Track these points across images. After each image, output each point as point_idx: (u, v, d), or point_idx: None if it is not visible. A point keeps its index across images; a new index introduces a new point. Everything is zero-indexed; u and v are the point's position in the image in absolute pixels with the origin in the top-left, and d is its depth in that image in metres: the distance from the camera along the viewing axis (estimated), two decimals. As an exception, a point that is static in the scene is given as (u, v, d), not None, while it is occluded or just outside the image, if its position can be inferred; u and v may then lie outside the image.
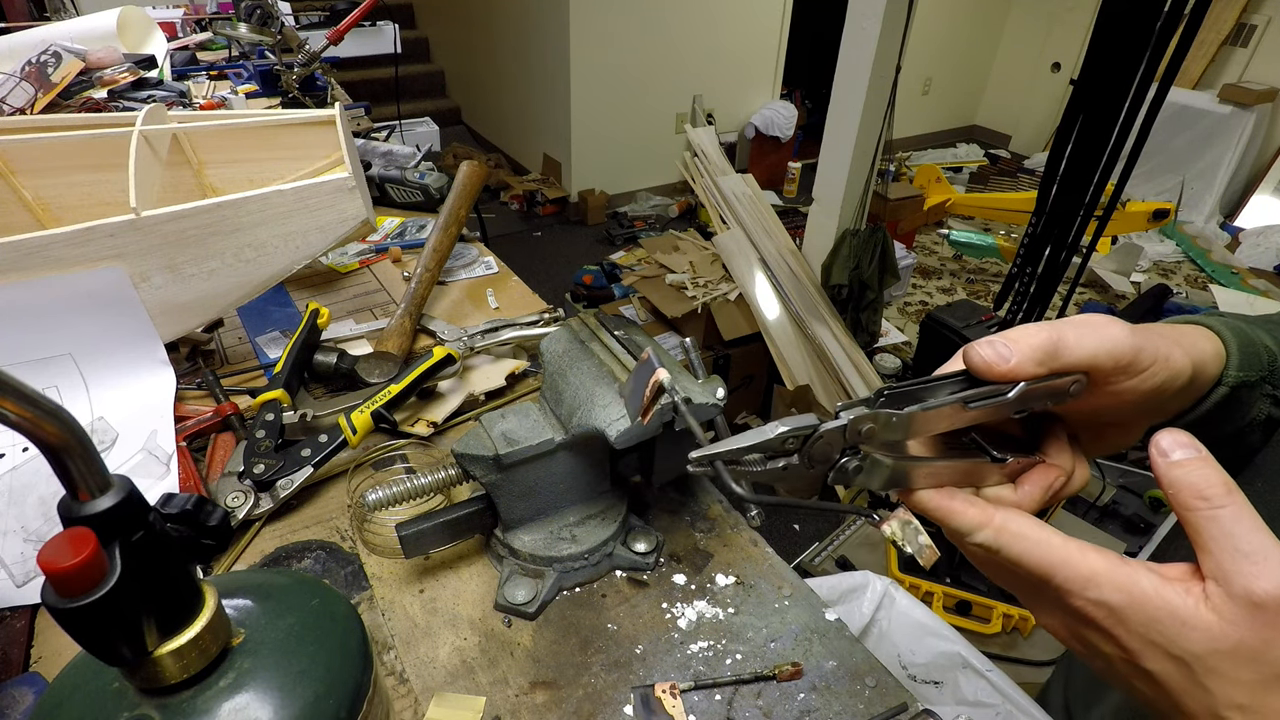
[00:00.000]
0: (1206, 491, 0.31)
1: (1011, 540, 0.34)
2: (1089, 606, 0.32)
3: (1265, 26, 4.31)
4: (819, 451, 0.34)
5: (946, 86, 5.76)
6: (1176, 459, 0.32)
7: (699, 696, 0.56)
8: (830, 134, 2.57)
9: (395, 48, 3.16)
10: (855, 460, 0.35)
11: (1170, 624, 0.30)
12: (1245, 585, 0.29)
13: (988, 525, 0.34)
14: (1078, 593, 0.32)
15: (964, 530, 0.35)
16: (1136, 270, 3.99)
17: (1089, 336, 0.35)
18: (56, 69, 1.60)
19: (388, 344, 0.92)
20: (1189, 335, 0.42)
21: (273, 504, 0.70)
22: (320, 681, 0.40)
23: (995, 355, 0.35)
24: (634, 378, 0.38)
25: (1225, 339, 0.43)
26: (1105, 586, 0.32)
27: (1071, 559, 0.32)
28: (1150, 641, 0.31)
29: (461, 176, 1.16)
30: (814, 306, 2.71)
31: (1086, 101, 2.15)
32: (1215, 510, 0.31)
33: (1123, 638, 0.32)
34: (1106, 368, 0.35)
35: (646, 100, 4.38)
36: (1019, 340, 0.35)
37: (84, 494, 0.33)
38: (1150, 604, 0.31)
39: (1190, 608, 0.30)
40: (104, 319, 0.75)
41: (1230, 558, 0.30)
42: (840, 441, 0.34)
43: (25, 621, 0.60)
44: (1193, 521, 0.31)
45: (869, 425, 0.34)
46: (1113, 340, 0.35)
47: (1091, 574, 0.32)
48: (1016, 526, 0.34)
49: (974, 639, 1.26)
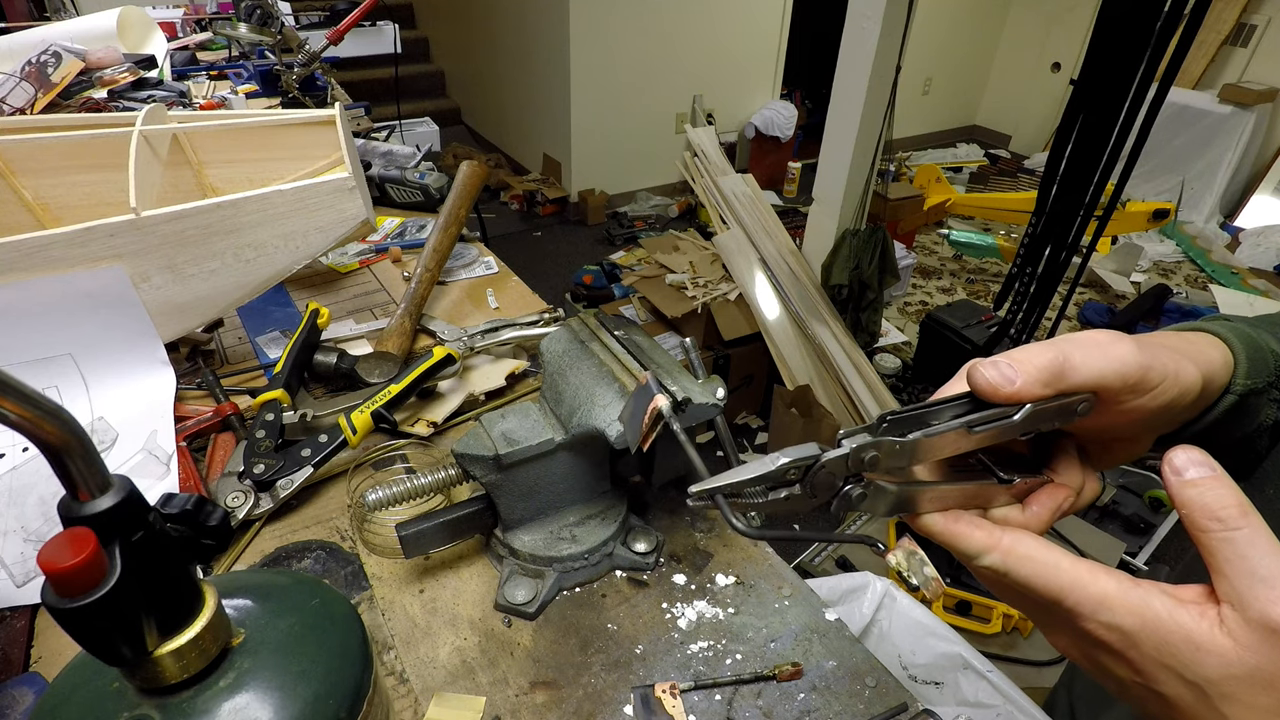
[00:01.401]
0: (1221, 513, 0.30)
1: (1019, 563, 0.33)
2: (1101, 630, 0.32)
3: (1265, 26, 4.31)
4: (822, 481, 0.34)
5: (946, 86, 5.76)
6: (1190, 478, 0.31)
7: (699, 696, 0.56)
8: (830, 134, 2.57)
9: (395, 48, 3.16)
10: (859, 488, 0.35)
11: (1184, 648, 0.30)
12: (1262, 610, 0.29)
13: (995, 548, 0.34)
14: (1089, 616, 0.32)
15: (971, 554, 0.35)
16: (1136, 270, 3.99)
17: (1096, 357, 0.34)
18: (56, 69, 1.60)
19: (388, 344, 0.92)
20: (1196, 344, 0.41)
21: (273, 504, 0.70)
22: (320, 681, 0.40)
23: (1000, 377, 0.34)
24: (633, 400, 0.38)
25: (1233, 346, 0.42)
26: (1118, 610, 0.31)
27: (1082, 581, 0.32)
28: (1164, 665, 0.30)
29: (461, 176, 1.16)
30: (814, 306, 2.71)
31: (1086, 101, 2.15)
32: (1230, 533, 0.30)
33: (1136, 661, 0.31)
34: (1115, 388, 0.34)
35: (646, 100, 4.38)
36: (1024, 361, 0.34)
37: (84, 494, 0.33)
38: (1163, 628, 0.30)
39: (1205, 632, 0.30)
40: (104, 319, 0.75)
41: (1246, 582, 0.29)
42: (844, 470, 0.34)
43: (25, 621, 0.60)
44: (1207, 544, 0.31)
45: (873, 453, 0.33)
46: (1120, 360, 0.34)
47: (1103, 597, 0.31)
48: (1025, 549, 0.34)
49: (974, 639, 1.26)
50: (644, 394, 0.37)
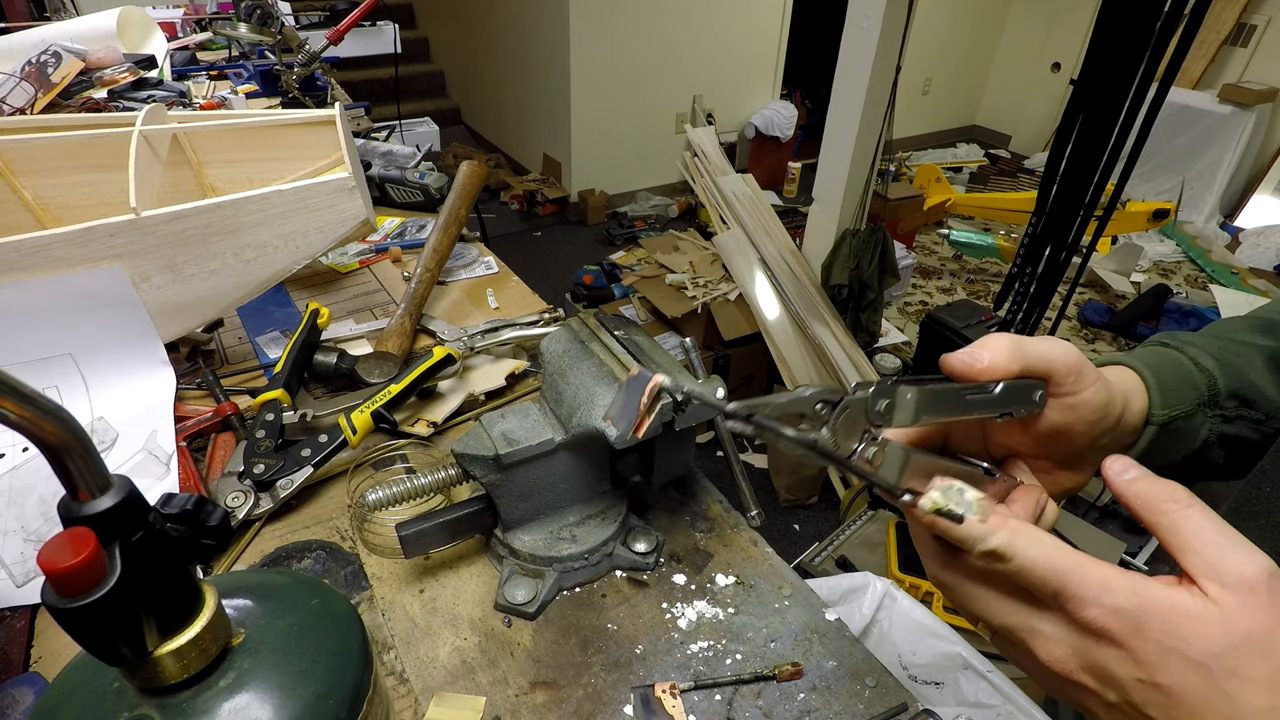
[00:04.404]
0: (1174, 495, 0.33)
1: (1027, 544, 0.33)
2: (1105, 616, 0.31)
3: (1265, 26, 4.30)
4: (845, 425, 0.34)
5: (946, 86, 5.76)
6: (1132, 476, 0.35)
7: (699, 696, 0.56)
8: (830, 134, 2.57)
9: (395, 48, 3.16)
10: (874, 446, 0.35)
11: (1187, 624, 0.30)
12: (1237, 572, 0.30)
13: (1003, 527, 0.34)
14: (1093, 600, 0.31)
15: (978, 535, 0.34)
16: (1136, 270, 3.99)
17: (1043, 342, 0.40)
18: (56, 69, 1.60)
19: (388, 344, 0.92)
20: (1112, 373, 0.46)
21: (273, 504, 0.70)
22: (320, 681, 0.40)
23: (971, 356, 0.39)
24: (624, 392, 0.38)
25: (1145, 379, 0.47)
26: (1120, 592, 0.31)
27: (1084, 565, 0.32)
28: (1170, 649, 0.30)
29: (461, 176, 1.16)
30: (814, 306, 2.71)
31: (1086, 101, 2.15)
32: (1188, 510, 0.32)
33: (1140, 649, 0.31)
34: (1060, 371, 0.40)
35: (646, 100, 4.38)
36: (986, 344, 0.39)
37: (84, 494, 0.33)
38: (1164, 607, 0.31)
39: (1200, 606, 0.30)
40: (104, 319, 0.75)
41: (1215, 550, 0.31)
42: (863, 419, 0.34)
43: (25, 621, 0.60)
44: (1168, 525, 0.33)
45: (886, 401, 0.35)
46: (1064, 348, 0.40)
47: (1105, 580, 0.32)
48: (1029, 530, 0.34)
49: (974, 639, 1.26)
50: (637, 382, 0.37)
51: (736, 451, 0.74)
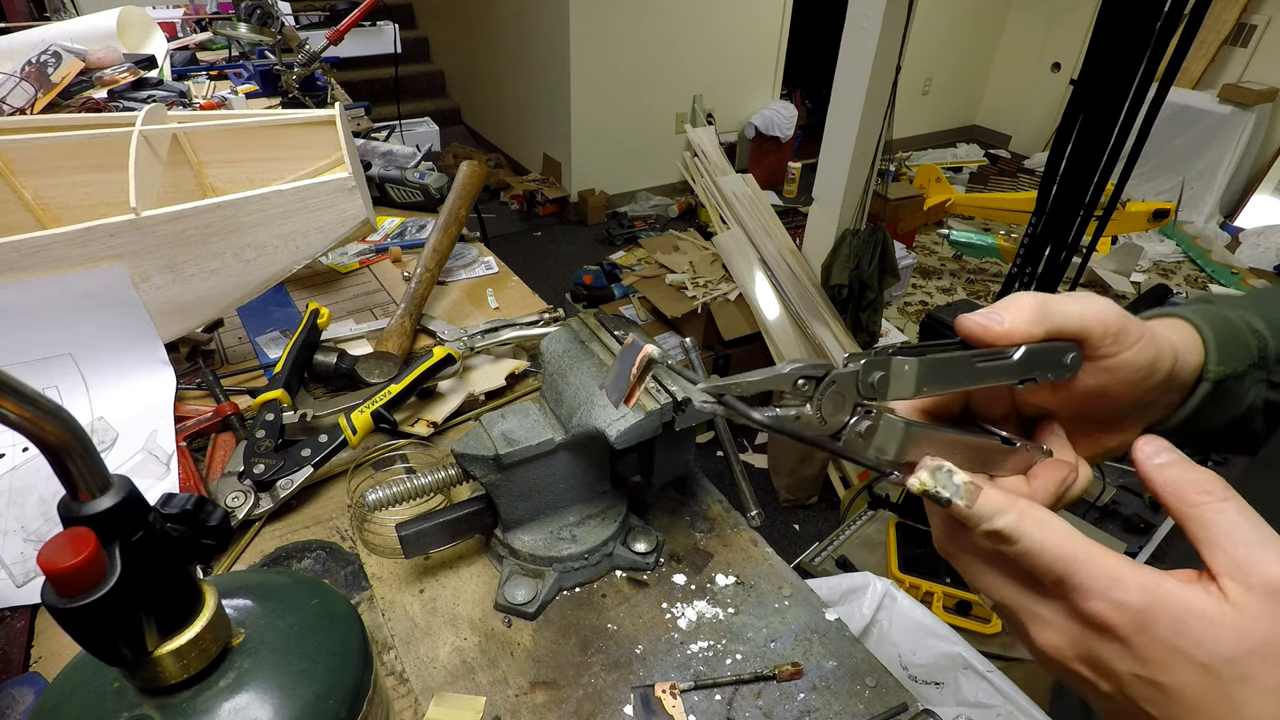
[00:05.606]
0: (1207, 487, 0.30)
1: (1036, 527, 0.31)
2: (1110, 610, 0.30)
3: (1265, 26, 4.30)
4: (831, 400, 0.32)
5: (946, 86, 5.76)
6: (1163, 460, 0.32)
7: (699, 696, 0.56)
8: (830, 134, 2.57)
9: (395, 48, 3.15)
10: (867, 420, 0.33)
11: (1199, 625, 0.28)
12: (1264, 575, 0.28)
13: (1011, 508, 0.31)
14: (1101, 593, 0.30)
15: (985, 513, 0.32)
16: (1136, 270, 3.99)
17: (1075, 301, 0.36)
18: (56, 69, 1.60)
19: (388, 344, 0.92)
20: (1165, 325, 0.41)
21: (273, 504, 0.70)
22: (320, 681, 0.40)
23: (988, 319, 0.35)
24: (618, 363, 0.37)
25: (1202, 331, 0.42)
26: (1130, 587, 0.29)
27: (1095, 556, 0.30)
28: (1176, 649, 0.29)
29: (461, 176, 1.16)
30: (814, 306, 2.71)
31: (1086, 101, 2.15)
32: (1221, 504, 0.30)
33: (1143, 646, 0.29)
34: (1096, 333, 0.35)
35: (646, 100, 4.38)
36: (1009, 305, 0.35)
37: (84, 494, 0.33)
38: (1177, 605, 0.29)
39: (1216, 606, 0.29)
40: (104, 319, 0.75)
41: (1245, 549, 0.29)
42: (854, 393, 0.32)
43: (25, 621, 0.60)
44: (1197, 518, 0.30)
45: (880, 373, 0.32)
46: (1099, 307, 0.35)
47: (1115, 573, 0.30)
48: (1041, 513, 0.32)
49: (974, 639, 1.26)
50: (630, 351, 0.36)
51: (736, 451, 0.74)
